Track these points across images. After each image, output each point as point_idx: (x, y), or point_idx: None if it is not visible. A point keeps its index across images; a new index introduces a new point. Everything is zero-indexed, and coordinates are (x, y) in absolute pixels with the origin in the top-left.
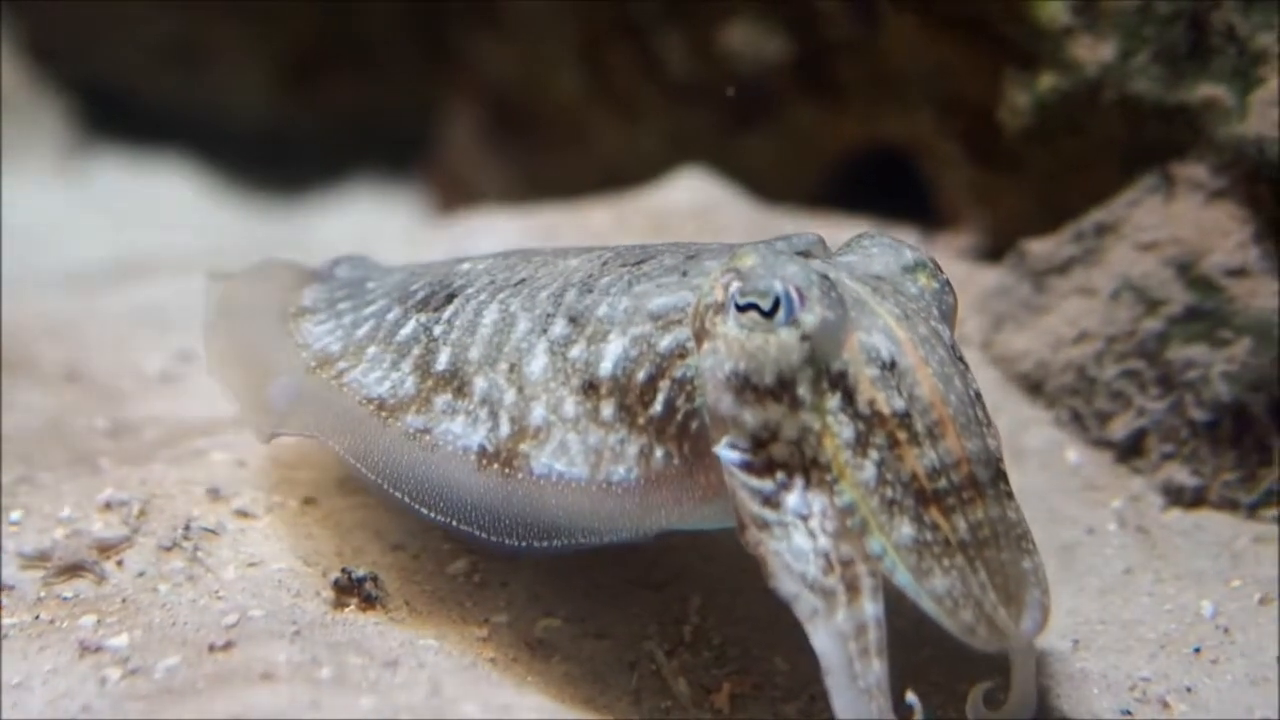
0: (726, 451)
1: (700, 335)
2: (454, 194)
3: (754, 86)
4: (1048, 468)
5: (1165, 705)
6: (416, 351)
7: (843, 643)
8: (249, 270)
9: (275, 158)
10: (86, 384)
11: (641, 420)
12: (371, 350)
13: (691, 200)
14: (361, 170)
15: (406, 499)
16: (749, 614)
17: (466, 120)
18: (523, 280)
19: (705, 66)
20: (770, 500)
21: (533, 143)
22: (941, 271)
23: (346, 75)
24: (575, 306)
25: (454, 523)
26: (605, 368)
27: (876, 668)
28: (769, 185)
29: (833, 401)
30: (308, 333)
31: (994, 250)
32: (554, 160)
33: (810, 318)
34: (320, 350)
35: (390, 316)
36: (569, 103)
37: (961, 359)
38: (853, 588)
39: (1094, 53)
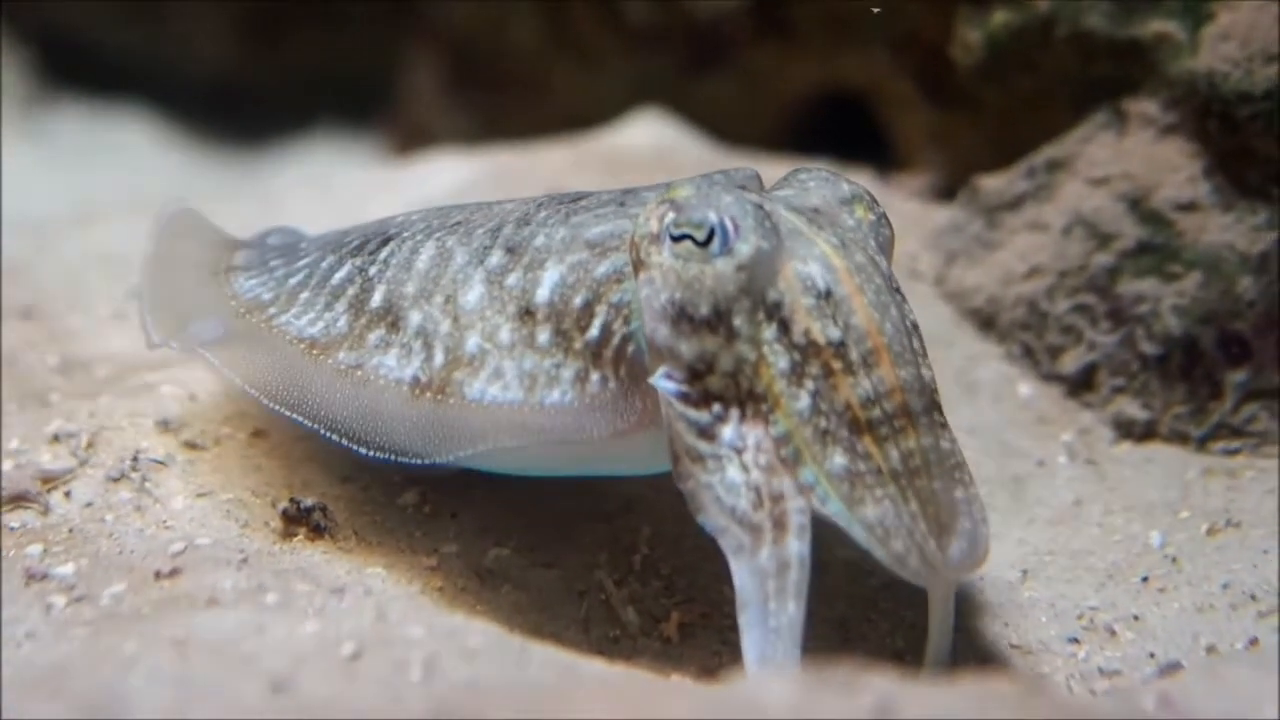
0: (663, 381)
1: (637, 265)
2: (415, 144)
3: (711, 30)
4: (999, 402)
5: (1112, 633)
6: (351, 292)
7: (761, 580)
8: (165, 221)
9: (236, 108)
10: (39, 322)
11: (578, 345)
12: (304, 295)
13: (649, 141)
14: (323, 121)
15: (341, 438)
16: (698, 545)
17: (427, 70)
18: (459, 222)
19: (664, 12)
20: (706, 432)
21: (494, 92)
22: (878, 204)
23: (308, 25)
24: (513, 238)
25: (389, 455)
26: (542, 294)
27: (791, 609)
28: (728, 129)
29: (768, 331)
30: (239, 285)
31: (950, 190)
32: (515, 109)
33: (745, 247)
34: (251, 299)
35: (324, 264)
36: (529, 51)
37: (898, 289)
38: (780, 525)
39: None
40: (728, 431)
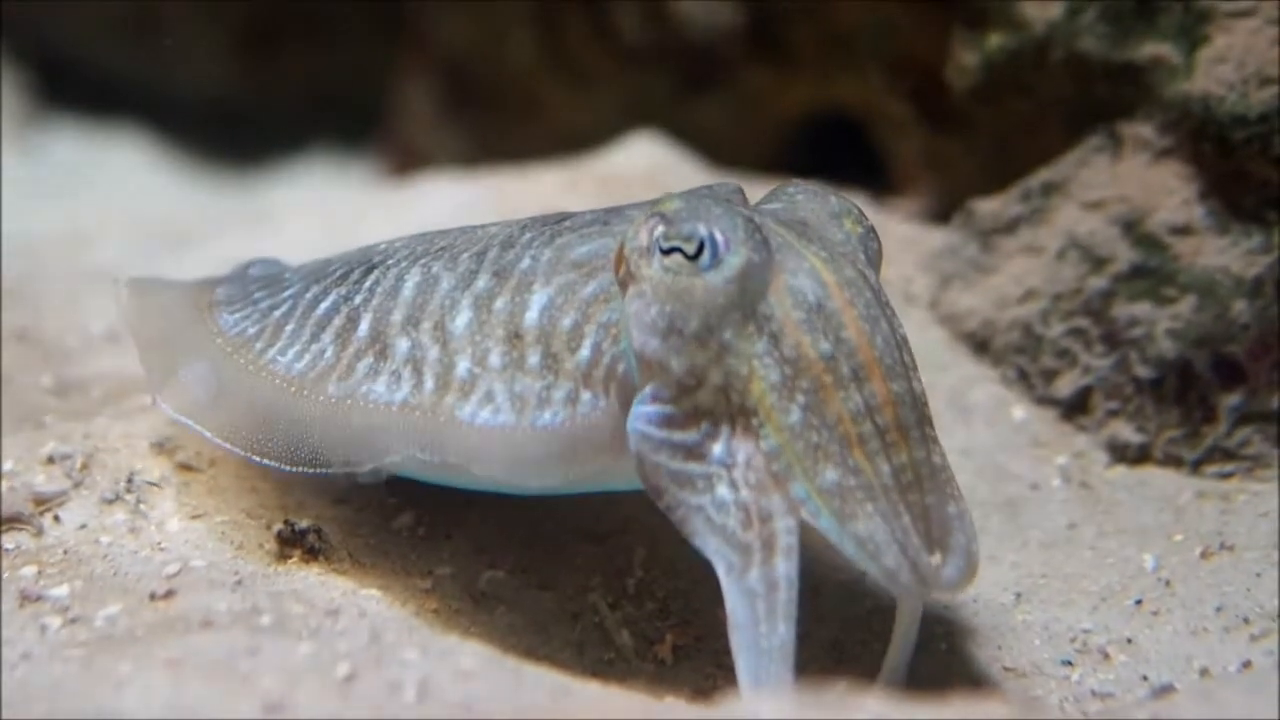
0: (644, 408)
1: (626, 280)
2: (410, 164)
3: (706, 51)
4: (994, 425)
5: (1106, 656)
6: (337, 322)
7: (752, 601)
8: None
9: (231, 128)
10: (34, 343)
11: (568, 365)
12: (290, 327)
13: (643, 163)
14: (318, 141)
15: (341, 469)
16: (692, 566)
17: (421, 90)
18: (443, 248)
19: (659, 32)
20: (694, 452)
21: (488, 112)
22: (866, 218)
23: (304, 46)
24: (499, 262)
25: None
26: (530, 317)
27: (781, 630)
28: (723, 150)
29: (759, 345)
30: (223, 321)
31: (945, 213)
32: (509, 129)
33: (736, 260)
34: (237, 335)
35: (309, 295)
36: (524, 71)
37: (888, 303)
38: (768, 545)
39: (1042, 11)
40: (717, 448)
